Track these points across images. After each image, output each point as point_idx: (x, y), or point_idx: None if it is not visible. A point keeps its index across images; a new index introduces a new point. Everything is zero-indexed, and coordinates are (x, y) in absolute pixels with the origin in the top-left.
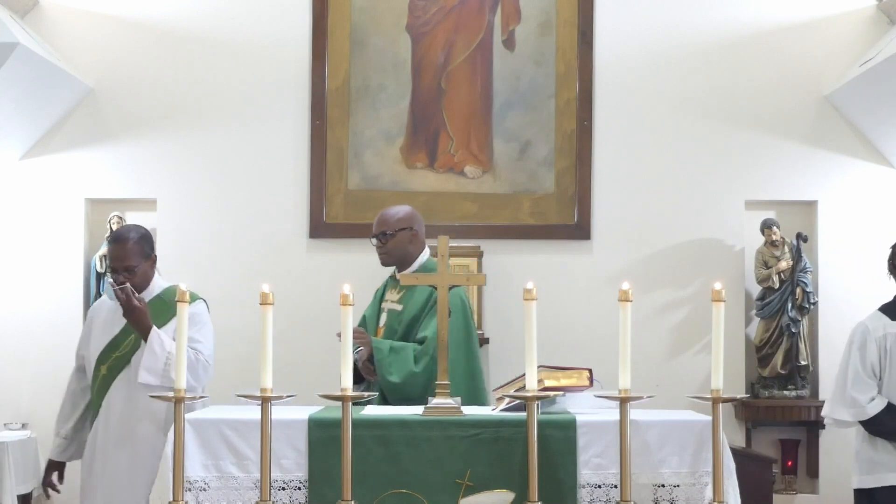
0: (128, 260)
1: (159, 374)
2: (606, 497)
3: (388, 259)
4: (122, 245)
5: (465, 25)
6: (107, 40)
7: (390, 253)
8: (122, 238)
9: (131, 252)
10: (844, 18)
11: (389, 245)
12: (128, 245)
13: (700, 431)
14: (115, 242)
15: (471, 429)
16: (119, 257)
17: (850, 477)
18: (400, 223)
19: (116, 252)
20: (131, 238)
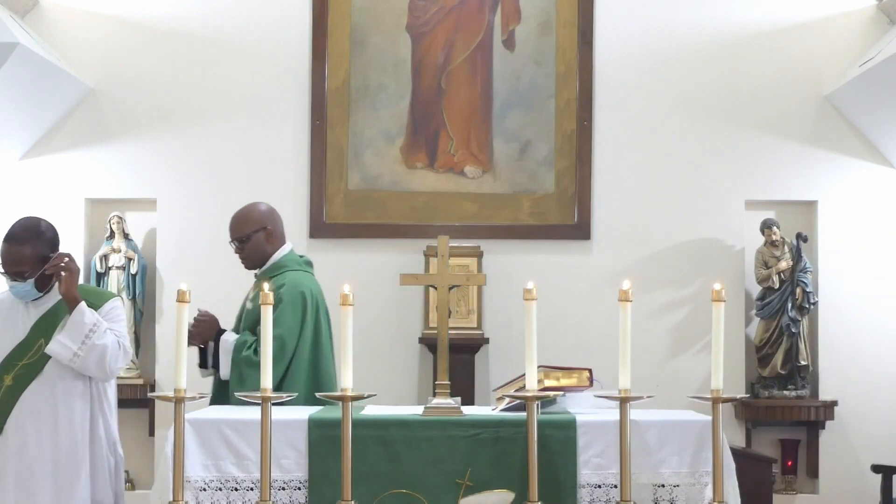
0: (20, 265)
1: (79, 340)
2: (606, 497)
3: (249, 263)
4: (15, 246)
5: (465, 25)
6: (107, 40)
7: (249, 258)
8: (14, 238)
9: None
10: (844, 18)
11: (247, 250)
12: (19, 246)
13: (700, 431)
14: (9, 242)
15: (471, 429)
16: (15, 261)
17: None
18: (252, 225)
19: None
20: (26, 239)
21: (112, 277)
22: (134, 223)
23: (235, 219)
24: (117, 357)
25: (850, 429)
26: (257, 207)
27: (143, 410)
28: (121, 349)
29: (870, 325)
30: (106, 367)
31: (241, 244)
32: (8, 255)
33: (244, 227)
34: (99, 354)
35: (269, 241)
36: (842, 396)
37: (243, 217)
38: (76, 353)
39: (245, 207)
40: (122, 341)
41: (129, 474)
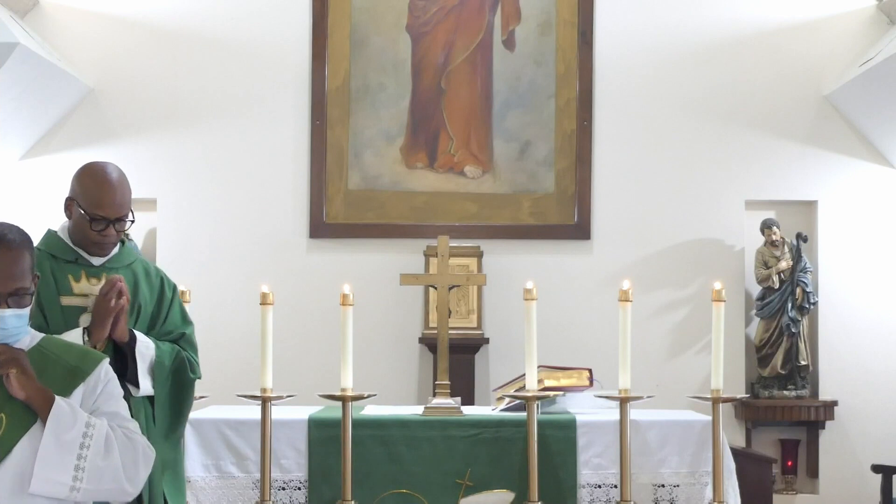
0: (22, 279)
1: (70, 465)
2: (606, 497)
3: (112, 248)
4: (13, 252)
5: (465, 25)
6: (107, 40)
7: (115, 242)
8: (13, 242)
9: (25, 267)
10: (844, 18)
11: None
12: (21, 255)
13: (700, 431)
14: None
15: (471, 429)
16: (12, 273)
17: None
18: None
19: (11, 260)
20: (22, 244)
21: None
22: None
23: (122, 188)
24: (137, 464)
25: (850, 429)
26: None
27: None
28: (139, 453)
29: (870, 325)
30: (126, 488)
31: (125, 223)
32: (11, 265)
33: (129, 201)
34: (112, 476)
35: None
36: (842, 396)
37: (128, 188)
38: (74, 487)
39: (122, 175)
40: (133, 436)
41: None
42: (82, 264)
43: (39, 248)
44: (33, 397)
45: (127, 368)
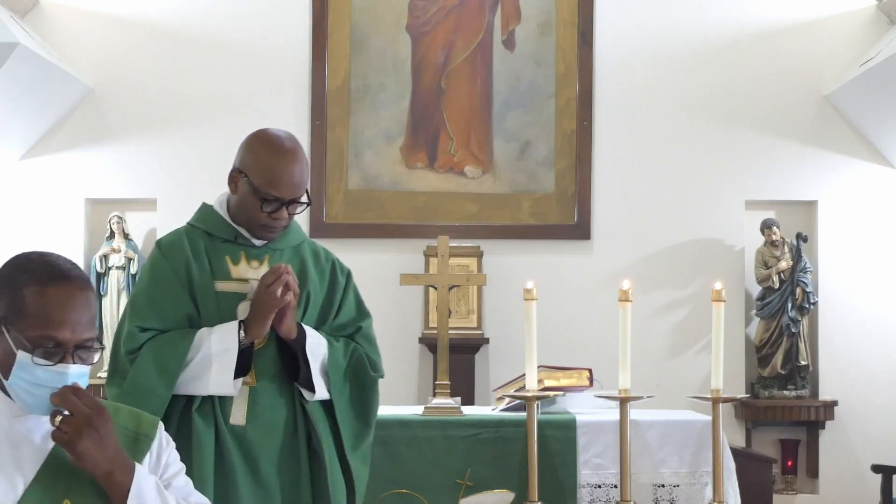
0: (92, 329)
1: None
2: (606, 497)
3: (280, 233)
4: (86, 293)
5: (465, 25)
6: (107, 40)
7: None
8: (85, 282)
9: (95, 312)
10: (844, 18)
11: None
12: (92, 298)
13: (700, 431)
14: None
15: (471, 429)
16: (85, 320)
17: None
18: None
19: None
20: (90, 284)
21: (112, 277)
22: (134, 223)
23: (301, 164)
24: None
25: (850, 429)
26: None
27: None
28: None
29: (870, 325)
30: None
31: (299, 206)
32: (83, 310)
33: (307, 179)
34: None
35: None
36: (842, 396)
37: (306, 163)
38: None
39: (300, 148)
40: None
41: None
42: (242, 244)
43: (192, 224)
44: (113, 472)
45: (298, 370)
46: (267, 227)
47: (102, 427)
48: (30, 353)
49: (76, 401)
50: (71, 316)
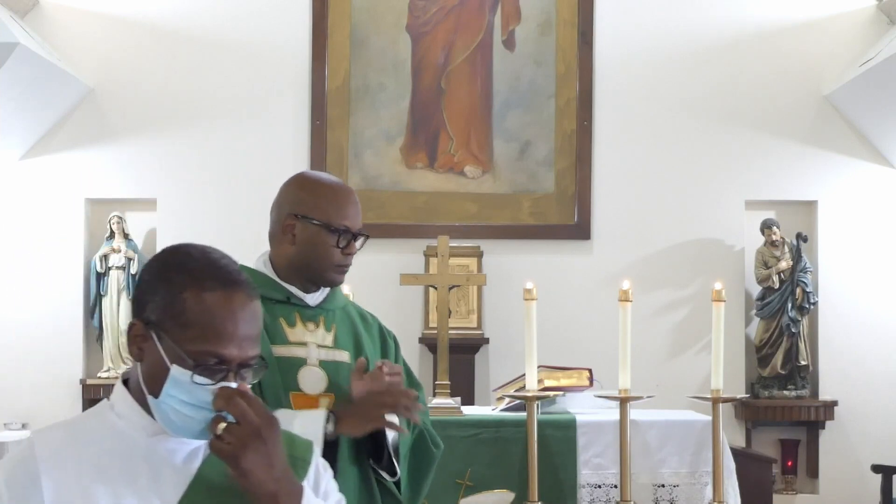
0: (258, 345)
1: None
2: (606, 497)
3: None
4: (256, 303)
5: (465, 25)
6: (107, 40)
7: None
8: (254, 289)
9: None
10: (844, 18)
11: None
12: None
13: (700, 431)
14: (243, 294)
15: (471, 429)
16: (253, 335)
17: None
18: None
19: (251, 314)
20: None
21: (112, 277)
22: (134, 223)
23: (357, 203)
24: None
25: (850, 429)
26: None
27: None
28: None
29: (870, 325)
30: None
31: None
32: (252, 323)
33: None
34: None
35: None
36: (842, 396)
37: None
38: None
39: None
40: None
41: None
42: (296, 304)
43: None
44: (278, 495)
45: (376, 451)
46: (341, 267)
47: (271, 440)
48: (189, 370)
49: (245, 407)
50: (239, 330)
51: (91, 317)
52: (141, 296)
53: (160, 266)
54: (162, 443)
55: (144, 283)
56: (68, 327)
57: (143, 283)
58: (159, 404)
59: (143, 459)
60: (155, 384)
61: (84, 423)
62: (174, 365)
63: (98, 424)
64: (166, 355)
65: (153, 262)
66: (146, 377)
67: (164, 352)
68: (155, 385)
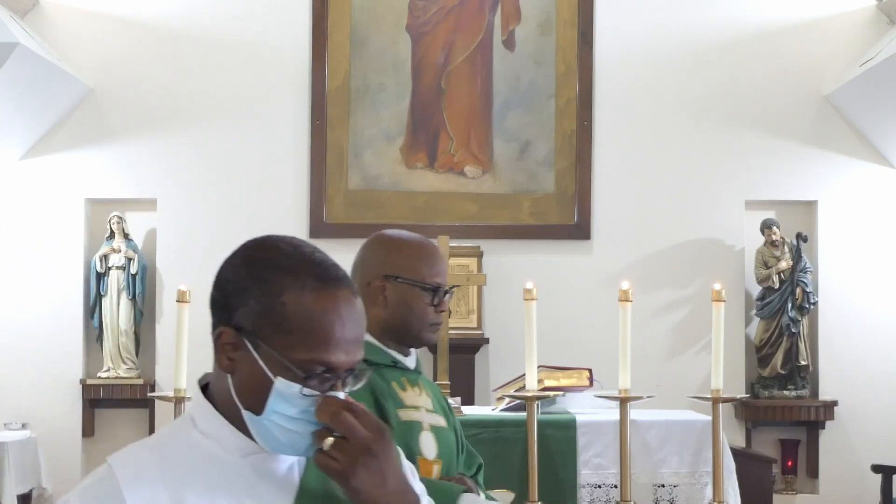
0: (362, 347)
1: None
2: (606, 497)
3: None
4: (359, 301)
5: (465, 25)
6: (107, 40)
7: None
8: (354, 285)
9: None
10: (844, 18)
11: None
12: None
13: (700, 431)
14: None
15: (471, 429)
16: (359, 337)
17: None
18: None
19: (357, 313)
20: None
21: (112, 277)
22: (134, 223)
23: (441, 254)
24: None
25: (850, 429)
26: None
27: (143, 410)
28: None
29: (870, 325)
30: None
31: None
32: (358, 324)
33: None
34: None
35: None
36: (842, 396)
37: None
38: None
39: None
40: None
41: None
42: (401, 368)
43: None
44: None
45: None
46: (435, 326)
47: (383, 455)
48: (298, 382)
49: (353, 422)
50: (346, 333)
51: (91, 317)
52: (227, 299)
53: (248, 264)
54: (259, 462)
55: (230, 285)
56: (68, 327)
57: (229, 284)
58: (261, 422)
59: (237, 477)
60: (252, 398)
61: (165, 443)
62: (279, 377)
63: (182, 445)
64: (266, 367)
65: (238, 261)
66: (240, 391)
67: (263, 363)
68: (252, 399)
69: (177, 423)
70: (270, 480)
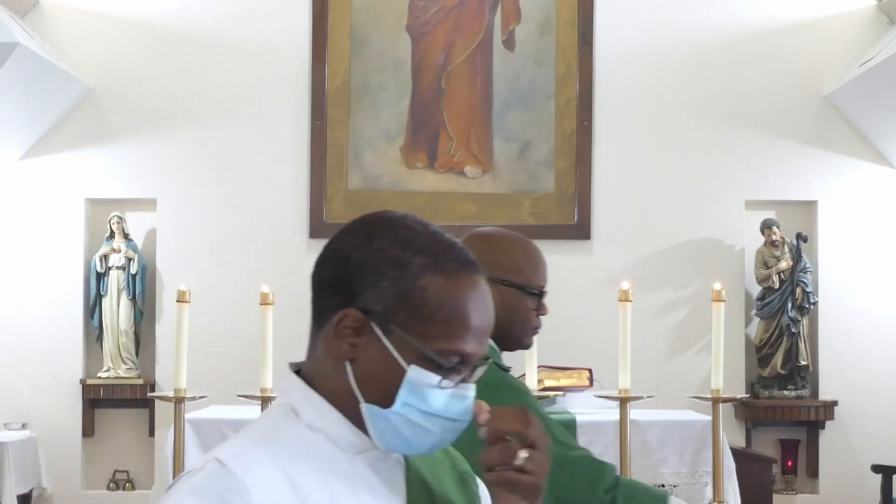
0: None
1: None
2: None
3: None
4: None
5: (465, 25)
6: (107, 40)
7: None
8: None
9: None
10: (844, 18)
11: None
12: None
13: (700, 431)
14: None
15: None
16: (491, 326)
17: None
18: None
19: (489, 301)
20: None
21: (112, 277)
22: (134, 223)
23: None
24: None
25: (850, 429)
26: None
27: (143, 410)
28: None
29: (870, 325)
30: None
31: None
32: (491, 310)
33: None
34: None
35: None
36: (842, 396)
37: None
38: None
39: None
40: None
41: (129, 474)
42: (505, 370)
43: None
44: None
45: None
46: (536, 330)
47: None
48: (436, 373)
49: (543, 431)
50: (482, 321)
51: (91, 317)
52: (350, 280)
53: (377, 241)
54: (370, 459)
55: (356, 265)
56: (68, 327)
57: (353, 263)
58: (387, 415)
59: (356, 476)
60: (376, 389)
61: (269, 437)
62: (413, 367)
63: (289, 438)
64: (399, 355)
65: (363, 239)
66: (362, 381)
67: (394, 351)
68: (375, 390)
69: (275, 416)
70: (382, 478)
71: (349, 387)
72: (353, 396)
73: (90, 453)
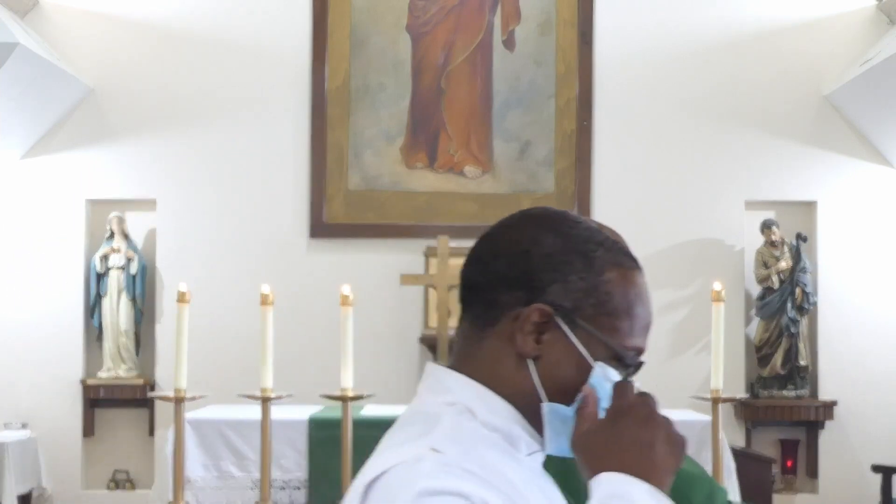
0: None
1: None
2: None
3: None
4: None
5: (465, 25)
6: (107, 40)
7: None
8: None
9: None
10: (844, 18)
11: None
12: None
13: (700, 431)
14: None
15: None
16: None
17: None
18: None
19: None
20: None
21: (112, 277)
22: (134, 223)
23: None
24: None
25: (849, 429)
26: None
27: (143, 410)
28: None
29: (869, 325)
30: None
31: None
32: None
33: None
34: None
35: None
36: (841, 396)
37: None
38: None
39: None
40: None
41: (129, 474)
42: None
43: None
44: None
45: None
46: None
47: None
48: (621, 369)
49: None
50: (651, 316)
51: (91, 317)
52: (536, 274)
53: (559, 235)
54: (538, 461)
55: (541, 259)
56: (68, 327)
57: (536, 257)
58: (570, 415)
59: (534, 477)
60: (560, 387)
61: (456, 437)
62: (600, 363)
63: (474, 438)
64: (585, 351)
65: (543, 231)
66: (547, 379)
67: (580, 346)
68: (559, 388)
69: (450, 416)
70: (548, 481)
71: (529, 386)
72: (532, 396)
73: (90, 453)
